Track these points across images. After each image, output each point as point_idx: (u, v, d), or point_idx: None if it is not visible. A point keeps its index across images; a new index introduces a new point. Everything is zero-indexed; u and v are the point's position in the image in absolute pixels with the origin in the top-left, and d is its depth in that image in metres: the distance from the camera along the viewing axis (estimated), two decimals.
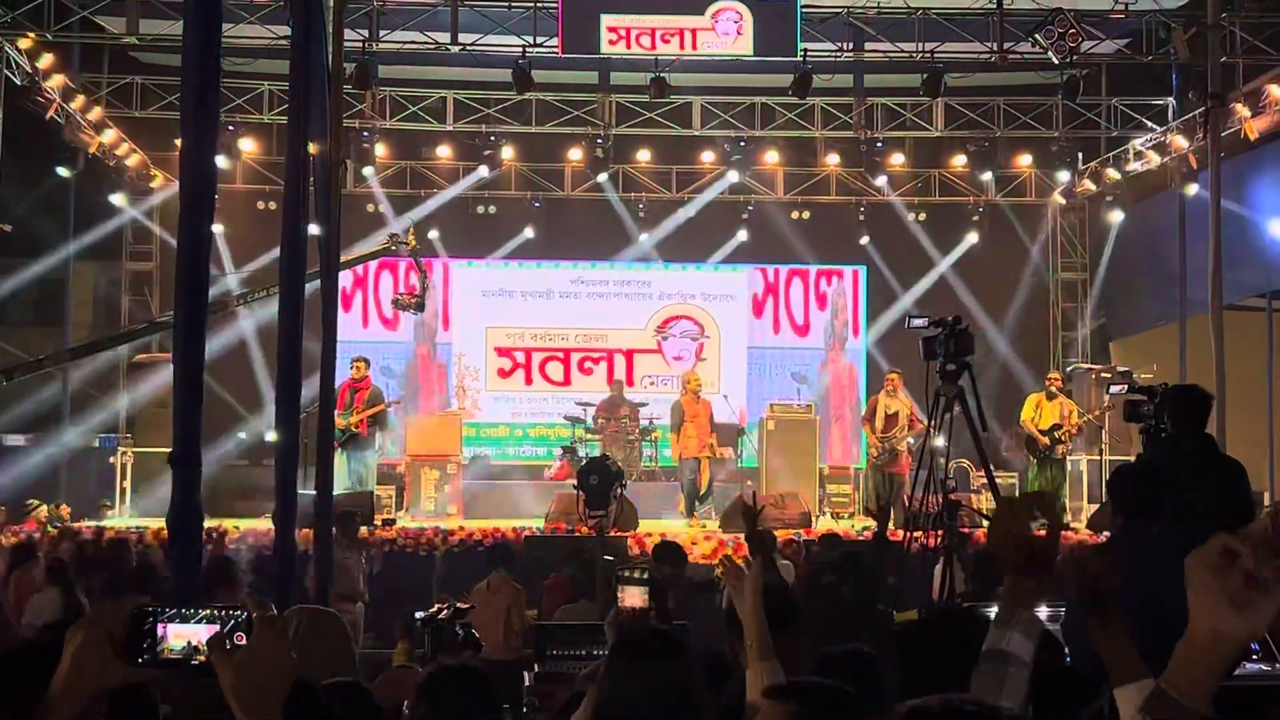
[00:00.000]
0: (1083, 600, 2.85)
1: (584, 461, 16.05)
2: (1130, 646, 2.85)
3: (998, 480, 17.08)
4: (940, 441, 8.69)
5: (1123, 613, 5.15)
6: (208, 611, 2.14)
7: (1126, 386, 10.17)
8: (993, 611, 5.84)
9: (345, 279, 20.77)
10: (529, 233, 21.32)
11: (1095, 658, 4.32)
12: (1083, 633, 5.24)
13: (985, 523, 9.23)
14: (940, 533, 8.35)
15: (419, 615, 6.06)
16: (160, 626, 2.10)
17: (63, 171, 18.16)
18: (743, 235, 21.55)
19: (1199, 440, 6.85)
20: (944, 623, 3.81)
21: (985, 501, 14.61)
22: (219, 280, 19.13)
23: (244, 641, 2.08)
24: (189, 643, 2.09)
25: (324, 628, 3.68)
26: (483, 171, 20.33)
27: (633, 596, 4.54)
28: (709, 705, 3.40)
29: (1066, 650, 5.36)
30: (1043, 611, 5.80)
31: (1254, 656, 5.72)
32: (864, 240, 21.61)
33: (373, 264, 20.31)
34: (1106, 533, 8.59)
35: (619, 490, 13.00)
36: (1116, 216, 20.42)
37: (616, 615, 4.60)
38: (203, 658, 2.08)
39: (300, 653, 3.68)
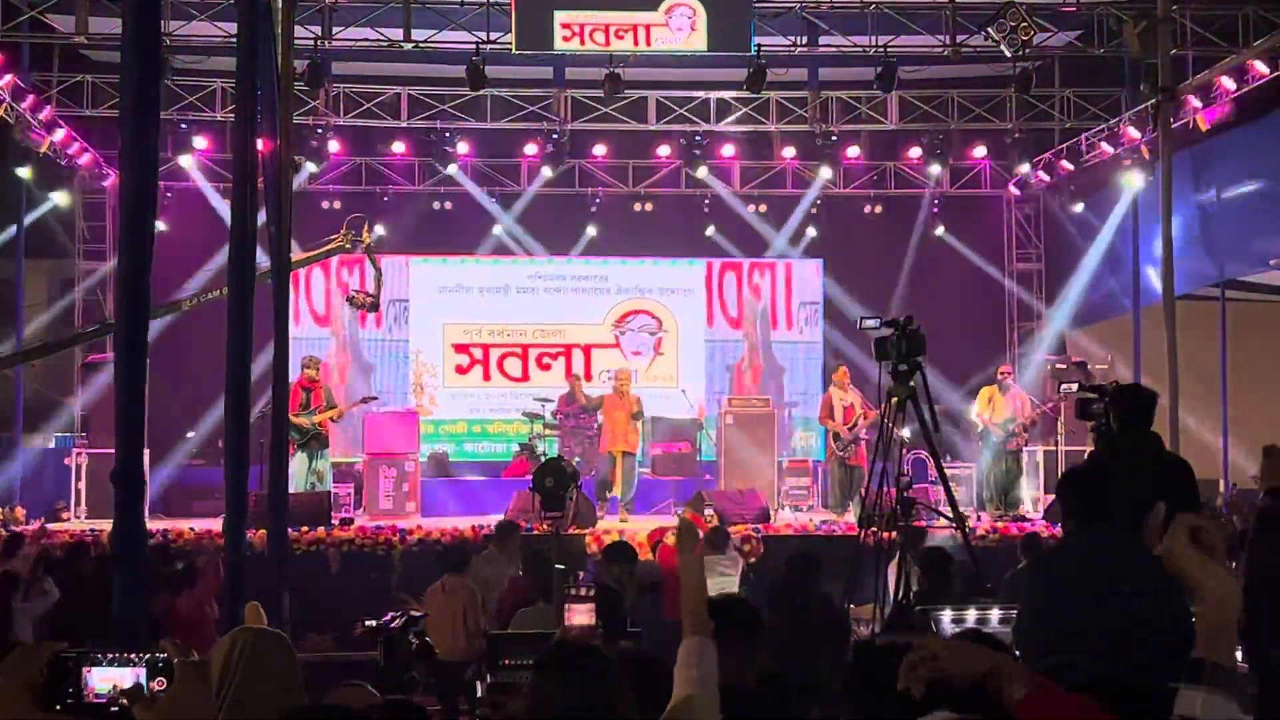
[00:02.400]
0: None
1: (541, 460, 16.03)
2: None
3: (956, 471, 17.32)
4: (901, 433, 8.73)
5: (1074, 612, 5.18)
6: (129, 655, 2.12)
7: (1078, 384, 10.23)
8: (945, 613, 5.87)
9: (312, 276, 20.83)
10: (498, 230, 21.29)
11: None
12: (1033, 636, 5.27)
13: (940, 520, 9.28)
14: (894, 531, 8.38)
15: (371, 623, 6.01)
16: (85, 671, 2.08)
17: (21, 173, 18.01)
18: (699, 229, 21.57)
19: (1143, 438, 6.89)
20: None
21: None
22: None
23: (165, 687, 2.06)
24: (114, 686, 2.07)
25: (269, 649, 3.65)
26: (451, 169, 20.29)
27: (580, 614, 4.54)
28: (634, 715, 3.48)
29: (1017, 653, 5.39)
30: (994, 613, 5.85)
31: None
32: (815, 233, 21.66)
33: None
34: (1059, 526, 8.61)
35: (575, 491, 12.96)
36: (1071, 207, 20.55)
37: (563, 634, 4.60)
38: (125, 701, 2.06)
39: (243, 676, 3.67)
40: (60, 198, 19.82)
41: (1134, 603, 5.22)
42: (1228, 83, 16.04)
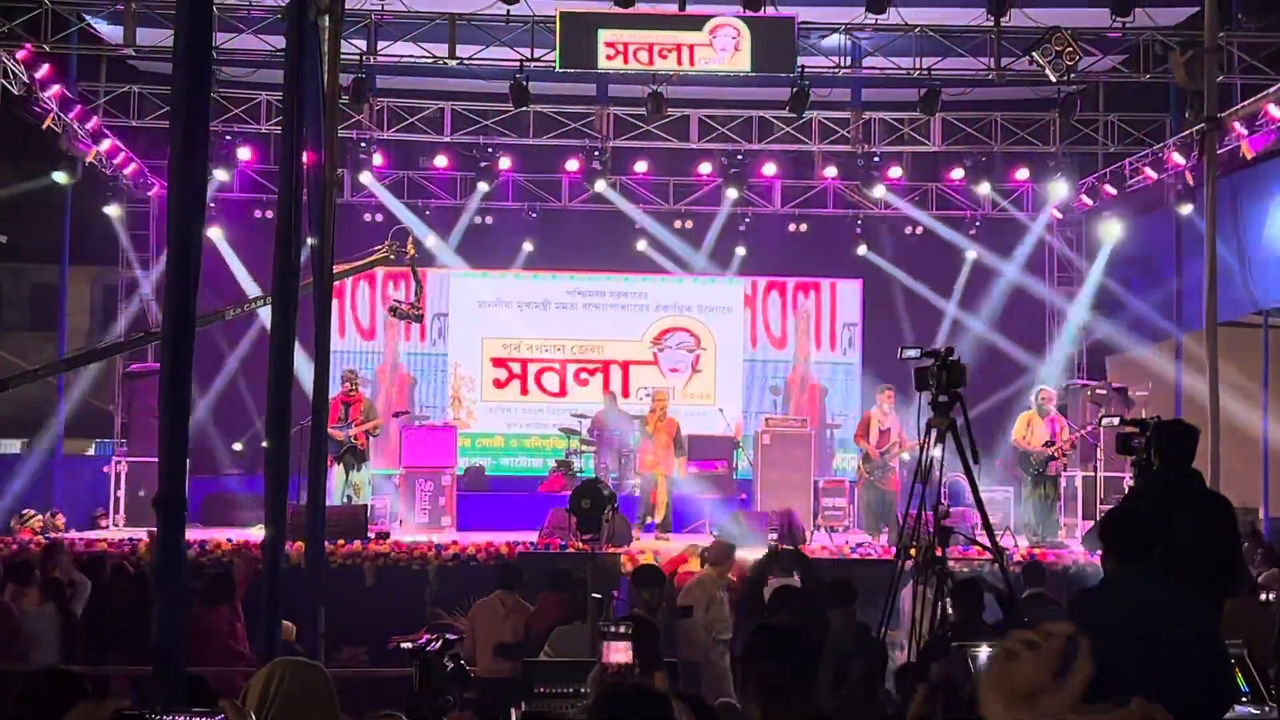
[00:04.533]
0: None
1: (578, 481, 16.02)
2: None
3: (994, 495, 17.24)
4: (937, 454, 8.69)
5: (1112, 653, 5.16)
6: (188, 716, 2.14)
7: (1119, 418, 10.21)
8: (982, 650, 5.84)
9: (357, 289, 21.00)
10: (528, 246, 21.33)
11: None
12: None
13: (977, 547, 9.25)
14: (931, 561, 8.35)
15: (405, 645, 6.01)
16: None
17: (60, 179, 18.15)
18: (740, 248, 21.57)
19: (1184, 475, 6.87)
20: None
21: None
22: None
23: None
24: None
25: (307, 682, 3.66)
26: (483, 187, 20.33)
27: (618, 652, 4.55)
28: None
29: None
30: None
31: (1243, 699, 5.74)
32: (861, 251, 21.61)
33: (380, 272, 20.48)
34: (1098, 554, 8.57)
35: (610, 513, 12.95)
36: (1113, 232, 20.44)
37: (602, 671, 4.60)
38: None
39: (281, 709, 3.68)
40: (105, 207, 19.96)
41: (1173, 644, 5.21)
42: (1275, 110, 15.93)
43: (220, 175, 19.55)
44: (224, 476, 18.84)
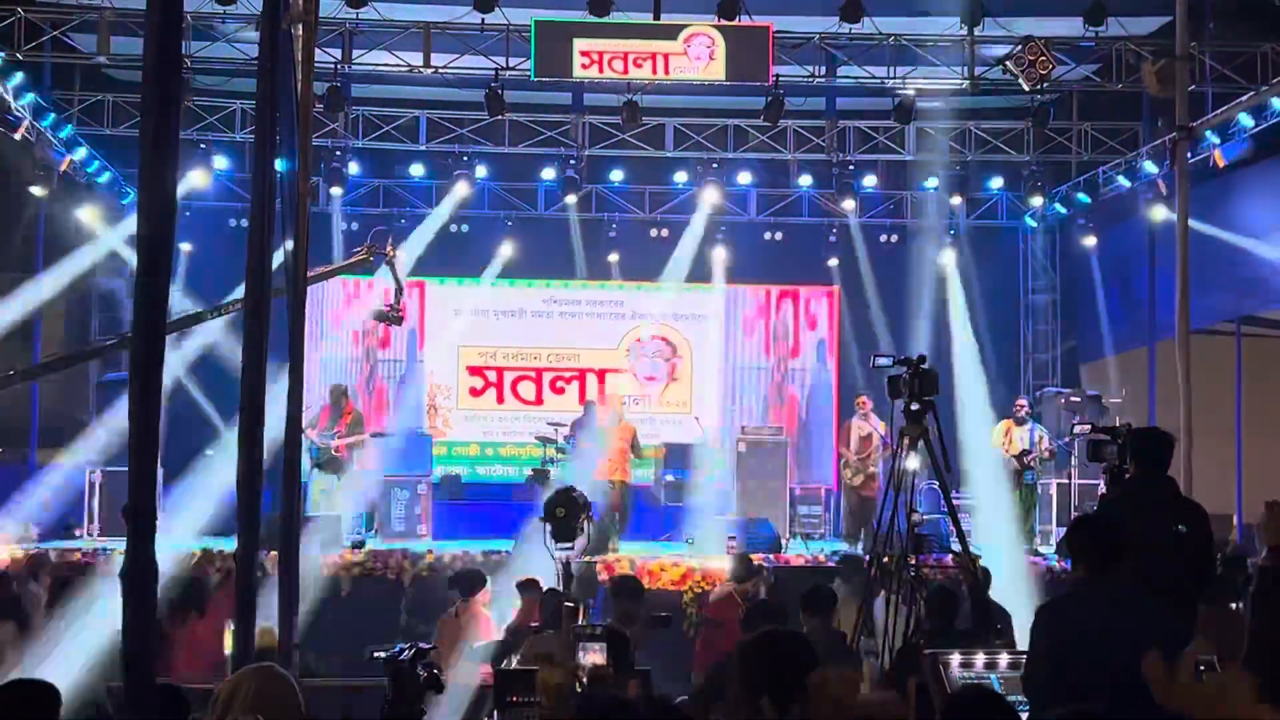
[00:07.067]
0: None
1: (552, 491, 15.94)
2: None
3: (969, 501, 17.29)
4: (912, 464, 8.71)
5: (1084, 661, 5.19)
6: None
7: (1090, 425, 10.25)
8: (954, 657, 5.85)
9: (341, 296, 20.89)
10: (507, 251, 21.25)
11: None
12: (1041, 684, 5.26)
13: (951, 556, 9.28)
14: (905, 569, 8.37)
15: (379, 654, 5.99)
16: None
17: (36, 191, 18.09)
18: (715, 256, 21.55)
19: (1161, 483, 6.90)
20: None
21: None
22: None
23: None
24: None
25: (275, 691, 3.65)
26: (461, 190, 20.22)
27: (593, 654, 4.57)
28: None
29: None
30: (1003, 658, 5.84)
31: None
32: (832, 262, 21.63)
33: (364, 280, 20.38)
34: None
35: (585, 522, 12.91)
36: (1087, 240, 20.51)
37: (567, 674, 4.61)
38: None
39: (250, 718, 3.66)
40: (79, 215, 19.85)
41: (1139, 652, 5.22)
42: (1246, 119, 16.04)
43: (198, 180, 19.44)
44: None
